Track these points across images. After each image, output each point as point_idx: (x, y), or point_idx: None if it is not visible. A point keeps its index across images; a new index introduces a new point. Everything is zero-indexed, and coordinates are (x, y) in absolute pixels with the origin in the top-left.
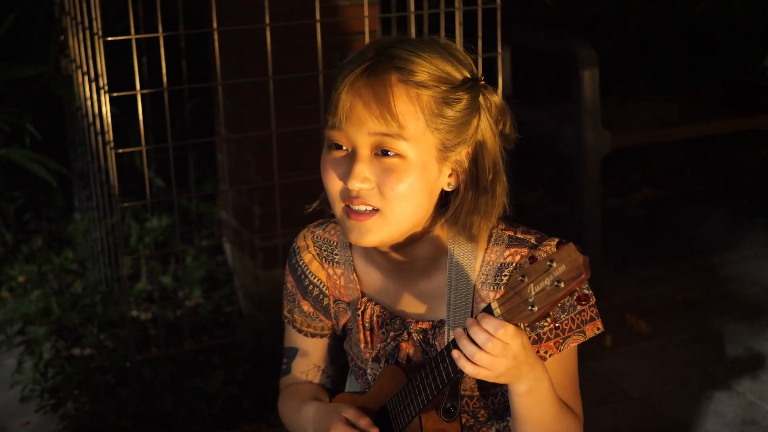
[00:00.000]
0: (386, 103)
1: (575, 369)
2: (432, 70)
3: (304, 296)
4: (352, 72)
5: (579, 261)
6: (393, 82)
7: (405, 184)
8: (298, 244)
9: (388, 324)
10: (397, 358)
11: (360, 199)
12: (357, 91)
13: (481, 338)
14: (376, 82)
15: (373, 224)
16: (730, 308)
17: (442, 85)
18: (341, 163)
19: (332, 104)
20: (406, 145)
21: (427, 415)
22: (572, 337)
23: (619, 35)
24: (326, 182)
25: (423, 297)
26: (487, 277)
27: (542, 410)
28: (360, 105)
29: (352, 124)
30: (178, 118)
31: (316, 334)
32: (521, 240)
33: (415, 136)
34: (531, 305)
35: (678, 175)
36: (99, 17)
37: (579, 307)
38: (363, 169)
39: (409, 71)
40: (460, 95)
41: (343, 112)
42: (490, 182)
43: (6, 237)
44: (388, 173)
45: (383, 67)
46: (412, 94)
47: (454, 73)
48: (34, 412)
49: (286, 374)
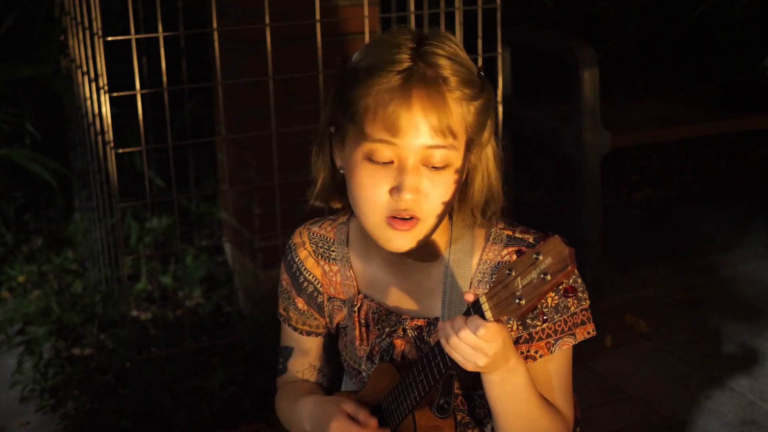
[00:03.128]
0: (446, 117)
1: (567, 371)
2: (462, 72)
3: (298, 293)
4: (399, 82)
5: (565, 253)
6: (443, 91)
7: (452, 193)
8: (294, 240)
9: (383, 320)
10: (391, 355)
11: (409, 210)
12: (412, 102)
13: (464, 335)
14: (432, 92)
15: (415, 232)
16: (730, 308)
17: (472, 87)
18: (386, 175)
19: (379, 115)
20: (456, 154)
21: (420, 412)
22: (563, 339)
23: (619, 35)
24: (367, 194)
25: (419, 293)
26: (483, 275)
27: (516, 403)
28: (419, 116)
29: (407, 136)
30: (178, 118)
31: (311, 332)
32: (519, 239)
33: (460, 143)
34: (518, 298)
35: (678, 175)
36: (99, 17)
37: (572, 308)
38: (416, 181)
39: (449, 79)
40: (482, 94)
41: (398, 125)
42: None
43: (6, 237)
44: (438, 184)
45: (429, 75)
46: (456, 101)
47: (473, 68)
48: (34, 412)
49: (283, 373)
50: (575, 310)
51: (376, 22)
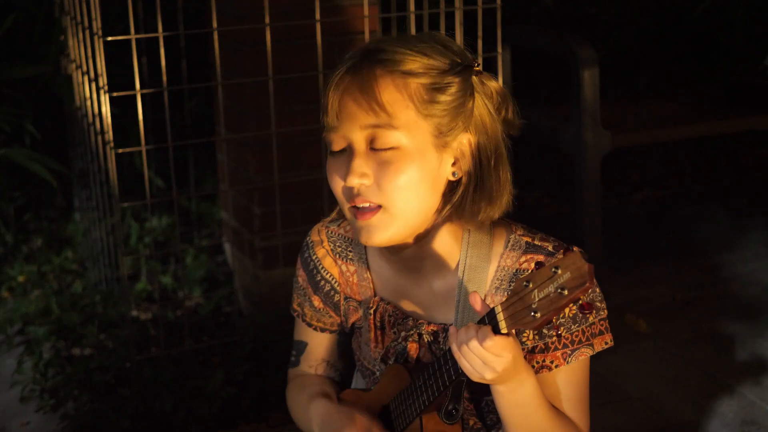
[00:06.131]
0: (372, 95)
1: (584, 382)
2: (418, 58)
3: (315, 291)
4: (338, 71)
5: (584, 269)
6: (378, 74)
7: (404, 175)
8: (312, 238)
9: (400, 324)
10: (406, 359)
11: (361, 197)
12: (345, 88)
13: (473, 345)
14: (362, 76)
15: (379, 221)
16: (730, 308)
17: (431, 71)
18: (341, 163)
19: (323, 106)
20: (399, 134)
21: (428, 417)
22: (580, 349)
23: (619, 35)
24: (331, 183)
25: (436, 298)
26: (501, 282)
27: (526, 413)
28: (349, 100)
29: (343, 122)
30: (178, 118)
31: (326, 329)
32: (538, 247)
33: (407, 124)
34: (534, 311)
35: (678, 175)
36: (99, 17)
37: (590, 318)
38: (360, 164)
39: (394, 61)
40: (450, 79)
41: (333, 111)
42: (493, 167)
43: (6, 237)
44: (385, 166)
45: (368, 62)
46: (399, 83)
47: (441, 59)
48: (34, 412)
49: (295, 366)
50: (593, 320)
51: (376, 22)
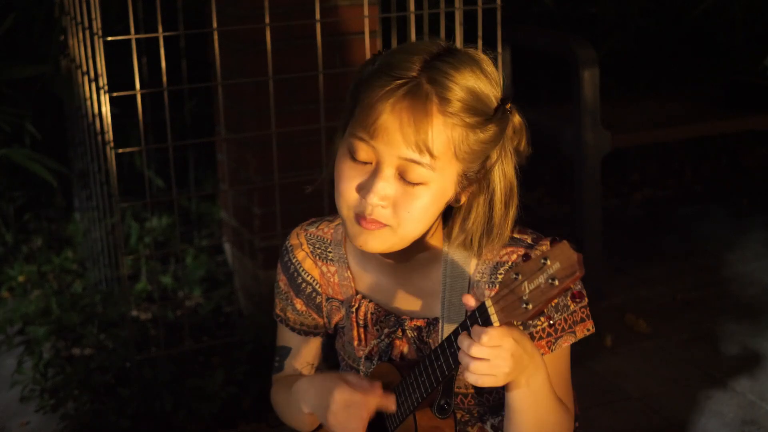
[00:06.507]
0: (423, 134)
1: (567, 369)
2: (470, 101)
3: (297, 294)
4: (393, 88)
5: (573, 258)
6: (433, 111)
7: (422, 210)
8: (290, 242)
9: (382, 321)
10: (390, 356)
11: (373, 217)
12: (393, 106)
13: (474, 351)
14: (416, 107)
15: (381, 235)
16: (730, 308)
17: (476, 116)
18: (361, 174)
19: (365, 114)
20: (433, 174)
21: (421, 413)
22: (563, 337)
23: (619, 35)
24: (341, 187)
25: (418, 294)
26: (482, 275)
27: (537, 400)
28: (394, 123)
29: (383, 142)
30: (178, 118)
31: (309, 332)
32: (517, 240)
33: (443, 166)
34: (525, 303)
35: (678, 175)
36: (99, 17)
37: (572, 306)
38: (384, 188)
39: (448, 101)
40: (489, 127)
41: (371, 124)
42: (504, 203)
43: (6, 237)
44: (409, 198)
45: (425, 90)
46: (448, 123)
47: (487, 102)
48: (34, 412)
49: (279, 371)
50: (575, 308)
51: (376, 22)
